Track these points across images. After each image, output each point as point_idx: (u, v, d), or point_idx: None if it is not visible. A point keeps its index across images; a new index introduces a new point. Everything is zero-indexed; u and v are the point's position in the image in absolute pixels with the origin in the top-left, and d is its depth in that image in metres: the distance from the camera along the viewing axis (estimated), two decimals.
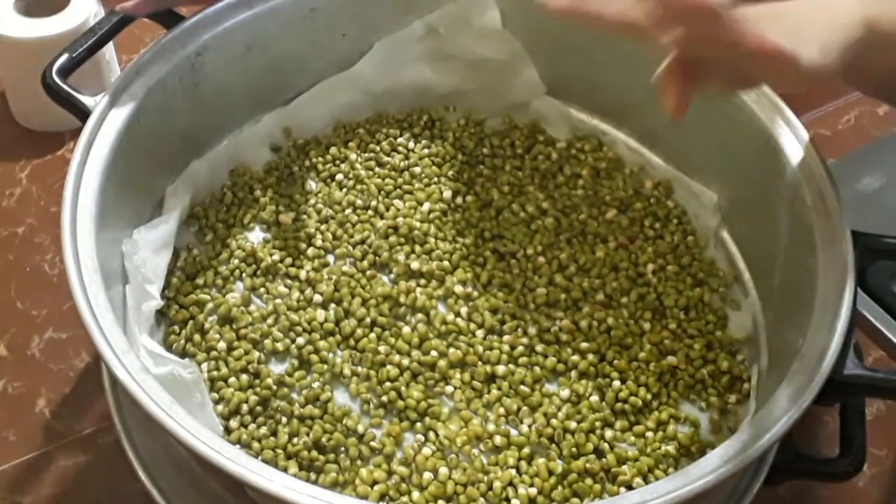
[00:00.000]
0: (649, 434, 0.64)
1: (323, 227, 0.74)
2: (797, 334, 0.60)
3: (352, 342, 0.67)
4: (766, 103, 0.69)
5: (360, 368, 0.66)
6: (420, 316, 0.69)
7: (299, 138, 0.79)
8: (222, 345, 0.66)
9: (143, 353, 0.60)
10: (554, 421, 0.64)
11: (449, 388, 0.65)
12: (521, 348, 0.67)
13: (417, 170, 0.78)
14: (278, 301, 0.69)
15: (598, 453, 0.63)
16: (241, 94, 0.76)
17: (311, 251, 0.72)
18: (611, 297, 0.71)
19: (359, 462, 0.62)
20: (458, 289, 0.70)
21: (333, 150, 0.79)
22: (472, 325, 0.69)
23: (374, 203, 0.75)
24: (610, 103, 0.80)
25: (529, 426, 0.64)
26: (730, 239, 0.75)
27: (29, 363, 0.73)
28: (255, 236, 0.74)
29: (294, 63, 0.78)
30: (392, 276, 0.71)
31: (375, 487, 0.60)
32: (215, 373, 0.65)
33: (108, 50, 0.89)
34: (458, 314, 0.69)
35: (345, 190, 0.76)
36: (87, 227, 0.60)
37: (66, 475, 0.68)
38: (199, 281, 0.69)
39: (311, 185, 0.77)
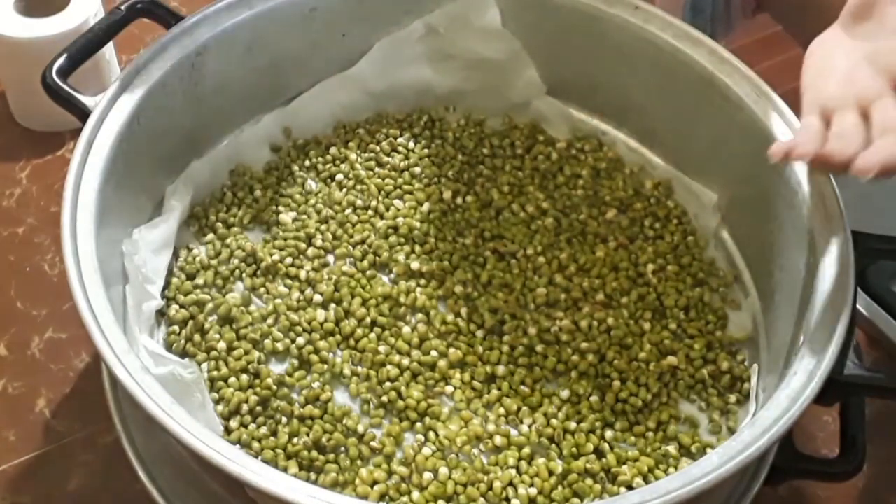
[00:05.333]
0: (649, 434, 0.64)
1: (323, 227, 0.74)
2: (797, 334, 0.60)
3: (352, 342, 0.67)
4: (766, 103, 0.69)
5: (360, 368, 0.66)
6: (420, 316, 0.69)
7: (299, 138, 0.79)
8: (222, 345, 0.66)
9: (143, 353, 0.60)
10: (554, 421, 0.64)
11: (449, 388, 0.66)
12: (521, 348, 0.67)
13: (417, 170, 0.78)
14: (278, 301, 0.69)
15: (598, 453, 0.63)
16: (241, 94, 0.76)
17: (311, 251, 0.72)
18: (611, 297, 0.71)
19: (359, 462, 0.62)
20: (458, 289, 0.70)
21: (333, 150, 0.79)
22: (472, 325, 0.69)
23: (374, 203, 0.75)
24: (610, 103, 0.80)
25: (529, 426, 0.64)
26: (730, 239, 0.75)
27: (29, 363, 0.73)
28: (255, 236, 0.74)
29: (294, 63, 0.78)
30: (392, 276, 0.71)
31: (375, 487, 0.60)
32: (215, 373, 0.65)
33: (108, 50, 0.89)
34: (458, 314, 0.69)
35: (345, 190, 0.76)
36: (87, 227, 0.60)
37: (66, 475, 0.68)
38: (199, 281, 0.69)
39: (311, 185, 0.77)
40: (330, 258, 0.72)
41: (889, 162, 0.53)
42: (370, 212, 0.75)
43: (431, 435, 0.63)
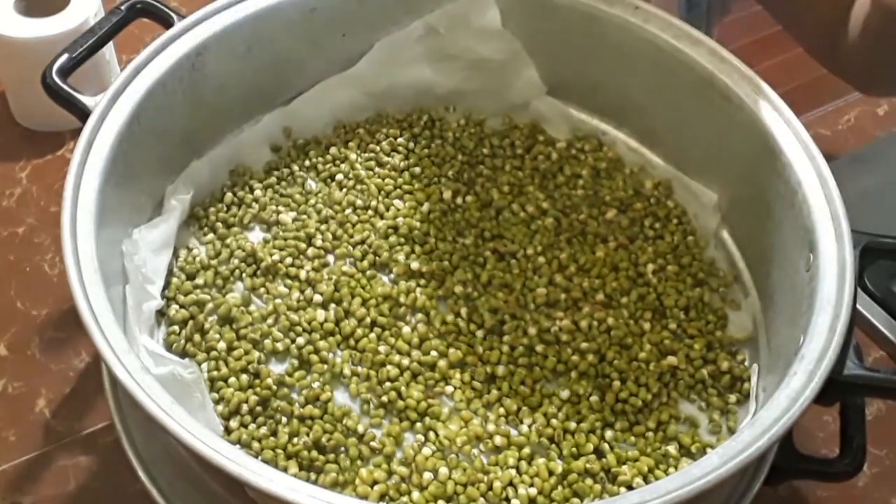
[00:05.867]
0: (649, 434, 0.64)
1: (323, 227, 0.74)
2: (797, 334, 0.60)
3: (352, 342, 0.67)
4: (766, 103, 0.69)
5: (360, 368, 0.66)
6: (420, 316, 0.69)
7: (299, 138, 0.79)
8: (222, 345, 0.66)
9: (143, 353, 0.60)
10: (554, 421, 0.64)
11: (449, 389, 0.66)
12: (521, 348, 0.67)
13: (417, 170, 0.78)
14: (278, 301, 0.69)
15: (598, 453, 0.63)
16: (241, 94, 0.76)
17: (311, 251, 0.72)
18: (611, 297, 0.71)
19: (359, 462, 0.62)
20: (458, 289, 0.70)
21: (333, 150, 0.79)
22: (472, 325, 0.69)
23: (374, 203, 0.75)
24: (610, 103, 0.80)
25: (529, 426, 0.64)
26: (730, 239, 0.75)
27: (29, 363, 0.73)
28: (255, 236, 0.74)
29: (294, 63, 0.78)
30: (392, 276, 0.71)
31: (375, 487, 0.60)
32: (215, 373, 0.65)
33: (108, 50, 0.89)
34: (458, 314, 0.69)
35: (345, 190, 0.76)
36: (87, 227, 0.60)
37: (66, 475, 0.68)
38: (199, 281, 0.69)
39: (311, 185, 0.77)
40: (330, 258, 0.72)
41: None
42: (370, 212, 0.75)
43: (431, 435, 0.63)
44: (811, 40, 0.70)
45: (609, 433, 0.64)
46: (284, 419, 0.63)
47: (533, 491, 0.60)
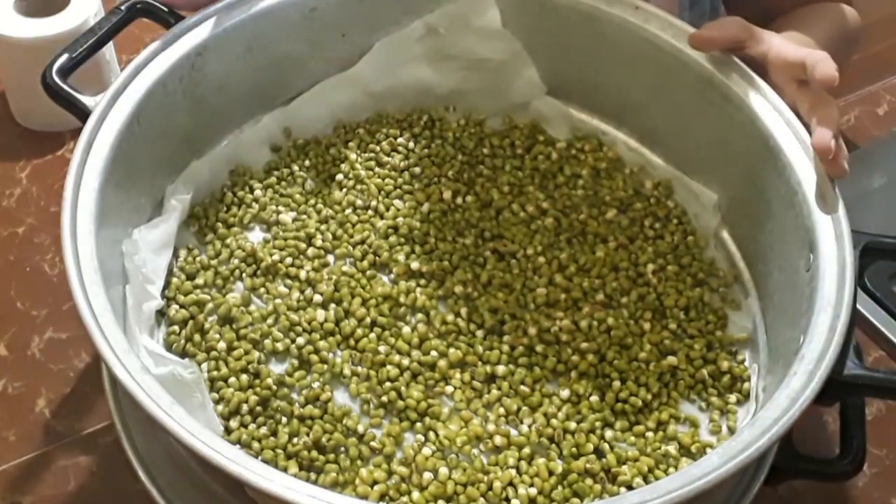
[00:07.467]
0: (649, 434, 0.64)
1: (323, 227, 0.74)
2: (797, 334, 0.60)
3: (352, 342, 0.67)
4: (766, 103, 0.69)
5: (360, 368, 0.66)
6: (420, 316, 0.69)
7: (299, 138, 0.79)
8: (222, 345, 0.66)
9: (143, 353, 0.60)
10: (554, 421, 0.64)
11: (449, 388, 0.66)
12: (521, 348, 0.67)
13: (417, 170, 0.78)
14: (278, 301, 0.69)
15: (598, 453, 0.63)
16: (241, 94, 0.76)
17: (311, 251, 0.72)
18: (611, 297, 0.71)
19: (359, 462, 0.62)
20: (458, 289, 0.70)
21: (333, 150, 0.79)
22: (472, 325, 0.69)
23: (374, 203, 0.75)
24: (610, 103, 0.81)
25: (529, 426, 0.64)
26: (730, 239, 0.75)
27: (29, 363, 0.73)
28: (255, 236, 0.74)
29: (294, 63, 0.78)
30: (392, 276, 0.71)
31: (375, 487, 0.60)
32: (215, 373, 0.65)
33: (108, 50, 0.89)
34: (458, 314, 0.69)
35: (345, 190, 0.76)
36: (87, 227, 0.60)
37: (66, 475, 0.68)
38: (199, 281, 0.69)
39: (311, 185, 0.77)
40: (330, 258, 0.72)
41: None
42: (370, 212, 0.75)
43: (431, 435, 0.63)
44: None
45: (609, 433, 0.64)
46: (284, 419, 0.63)
47: (533, 491, 0.60)
